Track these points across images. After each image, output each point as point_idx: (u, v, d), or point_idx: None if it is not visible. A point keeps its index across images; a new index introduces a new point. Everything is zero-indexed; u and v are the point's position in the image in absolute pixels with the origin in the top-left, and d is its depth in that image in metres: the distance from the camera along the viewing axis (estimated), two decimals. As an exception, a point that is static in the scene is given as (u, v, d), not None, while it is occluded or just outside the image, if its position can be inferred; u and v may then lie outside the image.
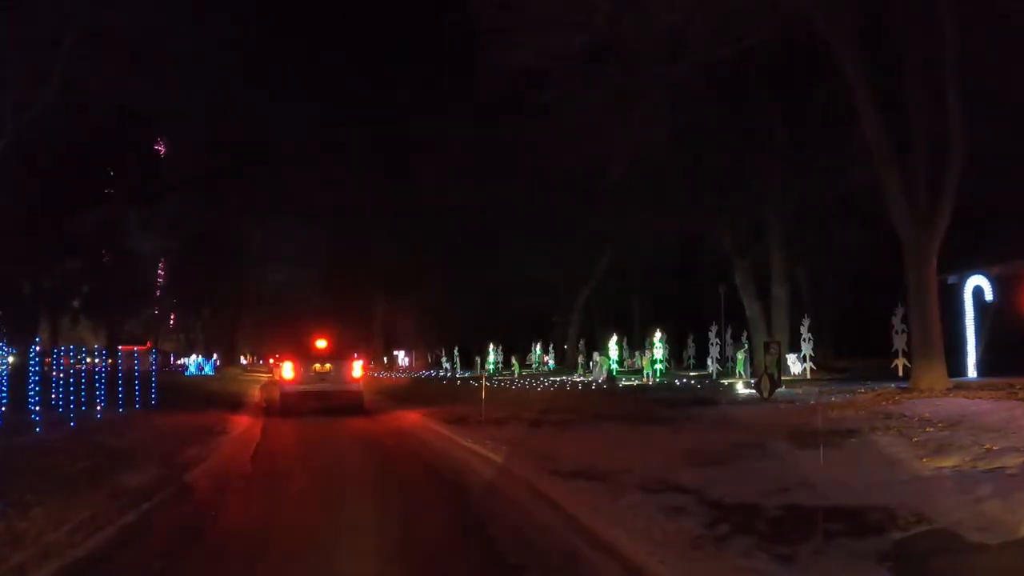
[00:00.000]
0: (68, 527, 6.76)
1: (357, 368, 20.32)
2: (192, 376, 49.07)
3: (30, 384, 15.56)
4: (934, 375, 20.87)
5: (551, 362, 53.55)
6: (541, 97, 26.14)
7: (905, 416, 15.02)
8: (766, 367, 27.80)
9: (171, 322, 77.35)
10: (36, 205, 46.67)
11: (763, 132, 31.85)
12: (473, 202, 53.08)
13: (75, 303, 54.26)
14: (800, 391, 22.49)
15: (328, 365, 20.02)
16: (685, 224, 35.62)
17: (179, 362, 69.76)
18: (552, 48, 21.23)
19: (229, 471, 10.19)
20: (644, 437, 12.92)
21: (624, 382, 31.64)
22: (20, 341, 56.91)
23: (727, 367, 37.32)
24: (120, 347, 61.02)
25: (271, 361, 62.66)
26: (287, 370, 20.12)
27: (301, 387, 19.62)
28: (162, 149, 52.31)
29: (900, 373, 26.83)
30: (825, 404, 17.90)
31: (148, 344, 65.69)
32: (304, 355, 20.57)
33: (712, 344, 35.69)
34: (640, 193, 35.66)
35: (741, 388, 24.79)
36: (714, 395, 22.38)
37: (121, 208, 55.39)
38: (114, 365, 53.18)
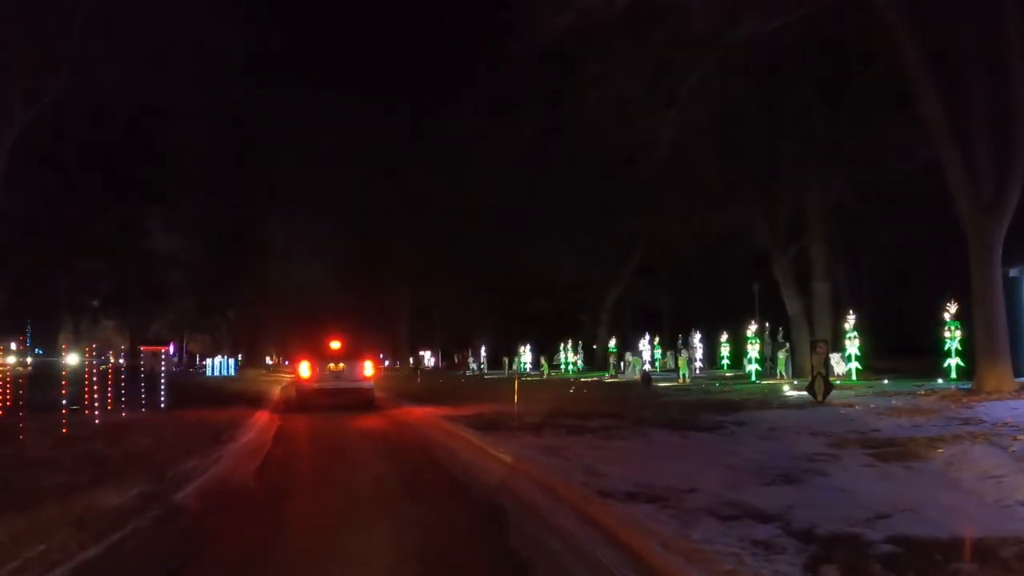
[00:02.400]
0: (11, 566, 5.45)
1: (369, 367, 21.43)
2: (211, 378, 47.99)
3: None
4: (1000, 375, 19.36)
5: (580, 362, 52.14)
6: (580, 70, 24.54)
7: (984, 421, 13.53)
8: (813, 367, 26.33)
9: (192, 322, 76.43)
10: (53, 203, 46.18)
11: (803, 120, 30.35)
12: (500, 199, 51.99)
13: (94, 303, 53.44)
14: (852, 393, 20.98)
15: (342, 364, 21.10)
16: (722, 218, 33.99)
17: (204, 363, 69.03)
18: (593, 8, 19.73)
19: (229, 488, 8.86)
20: (697, 447, 11.50)
21: (659, 383, 30.10)
22: (44, 342, 56.54)
23: (765, 367, 35.83)
24: (142, 348, 60.45)
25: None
26: (304, 369, 21.19)
27: (317, 385, 20.79)
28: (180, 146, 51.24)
29: (953, 374, 25.36)
30: (887, 408, 16.49)
31: (170, 345, 64.85)
32: (320, 355, 21.51)
33: (751, 344, 34.06)
34: (676, 186, 34.18)
35: (788, 390, 23.27)
36: (761, 398, 20.88)
37: (139, 206, 54.80)
38: (133, 366, 52.49)
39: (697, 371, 36.50)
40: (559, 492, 8.23)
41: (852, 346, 29.81)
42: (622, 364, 41.54)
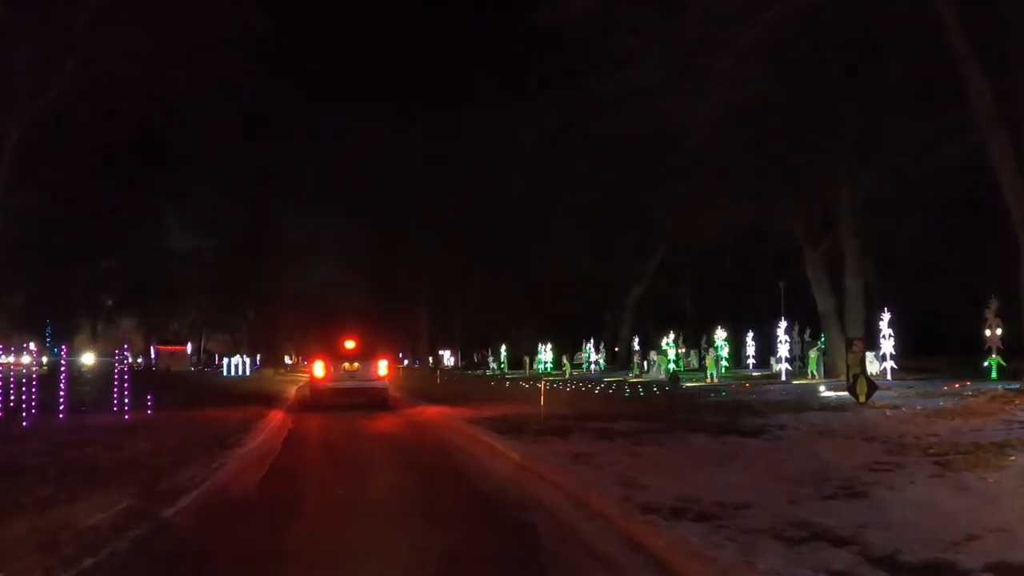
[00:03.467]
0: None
1: (383, 367, 21.44)
2: (228, 377, 47.35)
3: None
4: (1053, 375, 18.40)
5: (602, 361, 51.16)
6: (612, 50, 23.54)
7: (1050, 425, 12.54)
8: (849, 367, 25.25)
9: (211, 322, 76.08)
10: (70, 201, 45.77)
11: (835, 110, 29.28)
12: (522, 197, 51.16)
13: (109, 302, 53.01)
14: (894, 394, 19.95)
15: (356, 364, 21.11)
16: (751, 212, 32.90)
17: (222, 362, 68.58)
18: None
19: (226, 502, 7.97)
20: (741, 454, 10.52)
21: (686, 383, 29.07)
22: (62, 341, 56.12)
23: (795, 366, 34.78)
24: (158, 347, 60.14)
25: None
26: (318, 368, 21.27)
27: (331, 384, 20.87)
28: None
29: (994, 373, 24.28)
30: (937, 410, 15.46)
31: (187, 344, 64.49)
32: (334, 355, 21.54)
33: (781, 342, 33.00)
34: (704, 179, 33.15)
35: (824, 390, 22.20)
36: (797, 399, 19.87)
37: (157, 205, 54.37)
38: (148, 365, 52.19)
39: (723, 370, 35.43)
40: (595, 507, 7.28)
41: (887, 344, 28.76)
42: (646, 363, 40.51)
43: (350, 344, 21.95)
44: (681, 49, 21.39)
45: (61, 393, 15.75)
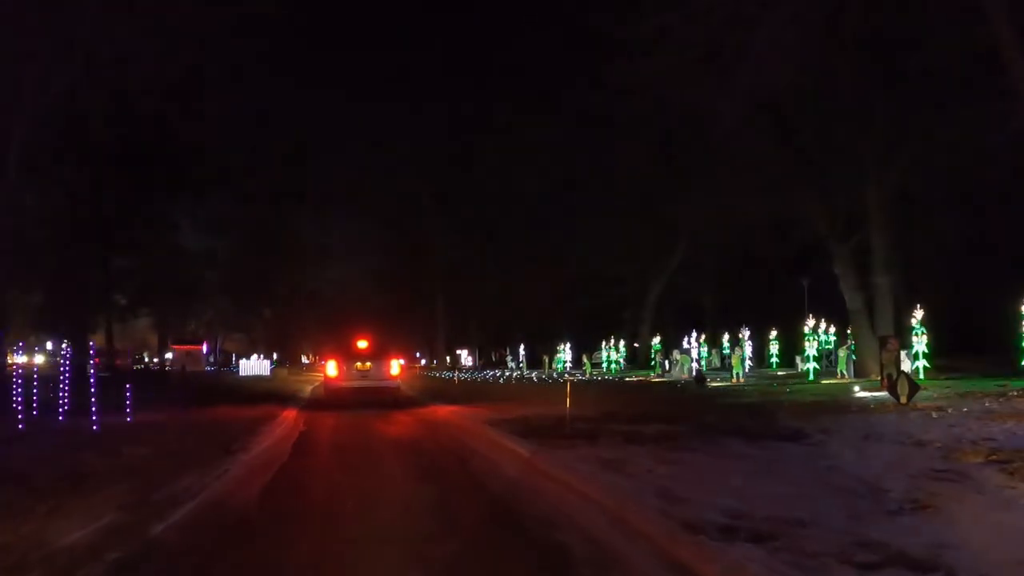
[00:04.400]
0: None
1: (394, 366, 21.77)
2: (244, 377, 46.79)
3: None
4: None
5: (622, 361, 50.29)
6: (643, 28, 22.73)
7: (1112, 428, 11.65)
8: (883, 366, 24.35)
9: (229, 321, 75.61)
10: (86, 200, 45.45)
11: (864, 99, 28.34)
12: (540, 195, 50.43)
13: (124, 302, 52.63)
14: (933, 394, 18.97)
15: (368, 364, 21.32)
16: (776, 206, 31.90)
17: (238, 361, 68.12)
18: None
19: (222, 518, 7.19)
20: (785, 461, 9.70)
21: (711, 383, 28.17)
22: (78, 341, 55.86)
23: (822, 366, 33.85)
24: (174, 346, 59.76)
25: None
26: (331, 368, 21.62)
27: (344, 383, 21.15)
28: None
29: (1030, 373, 23.34)
30: (985, 411, 14.57)
31: (204, 343, 64.08)
32: (347, 354, 21.78)
33: (807, 341, 32.04)
34: (729, 174, 32.27)
35: (858, 391, 21.28)
36: (832, 399, 18.97)
37: (170, 202, 54.01)
38: (163, 365, 51.78)
39: (746, 370, 34.48)
40: (634, 525, 6.49)
41: (919, 343, 27.76)
42: (668, 363, 39.63)
43: (362, 344, 22.19)
44: (712, 28, 20.59)
45: (63, 393, 15.12)
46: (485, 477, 9.19)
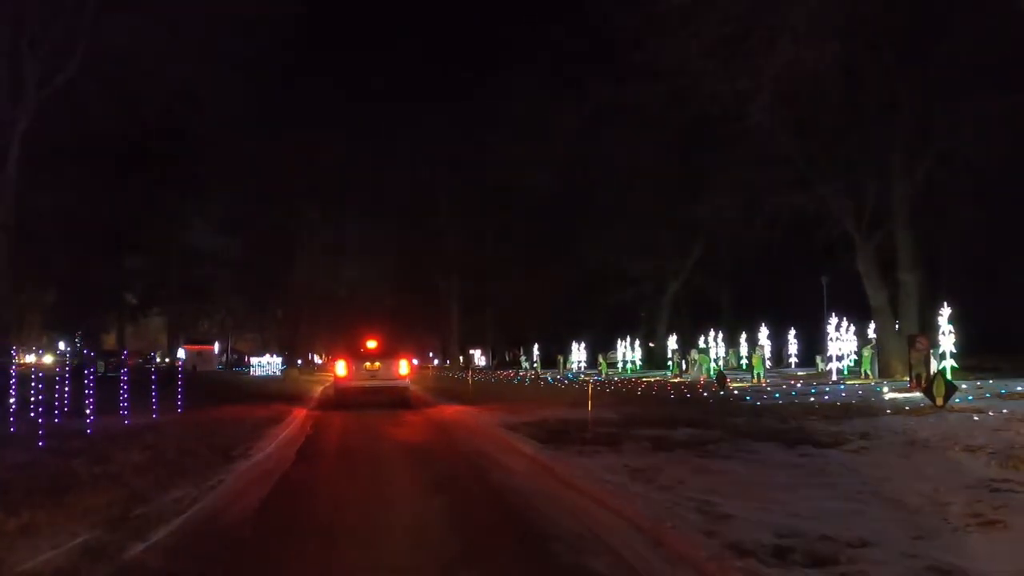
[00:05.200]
0: None
1: (404, 366, 21.55)
2: (255, 377, 46.22)
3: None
4: None
5: (638, 361, 49.51)
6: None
7: None
8: (912, 365, 23.55)
9: (241, 321, 75.10)
10: (97, 201, 45.02)
11: (889, 92, 27.55)
12: (556, 192, 49.72)
13: (134, 300, 52.23)
14: (970, 395, 18.14)
15: (378, 363, 21.13)
16: (798, 201, 31.03)
17: (249, 361, 67.53)
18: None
19: (211, 537, 6.45)
20: (830, 470, 8.95)
21: (734, 384, 27.32)
22: (91, 341, 55.47)
23: (844, 365, 33.01)
24: (186, 346, 59.33)
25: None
26: (341, 368, 21.46)
27: (353, 383, 20.93)
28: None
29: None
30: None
31: (215, 343, 63.64)
32: (356, 354, 21.68)
33: (831, 339, 31.22)
34: (749, 167, 31.47)
35: (888, 391, 20.51)
36: (862, 401, 18.13)
37: (179, 201, 53.63)
38: (173, 365, 51.24)
39: (767, 369, 33.68)
40: (674, 547, 5.75)
41: (947, 342, 26.87)
42: (685, 362, 38.80)
43: (372, 344, 22.16)
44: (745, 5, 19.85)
45: (65, 394, 14.55)
46: (503, 488, 8.43)
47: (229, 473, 9.00)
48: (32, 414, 13.99)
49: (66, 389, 14.99)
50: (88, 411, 13.88)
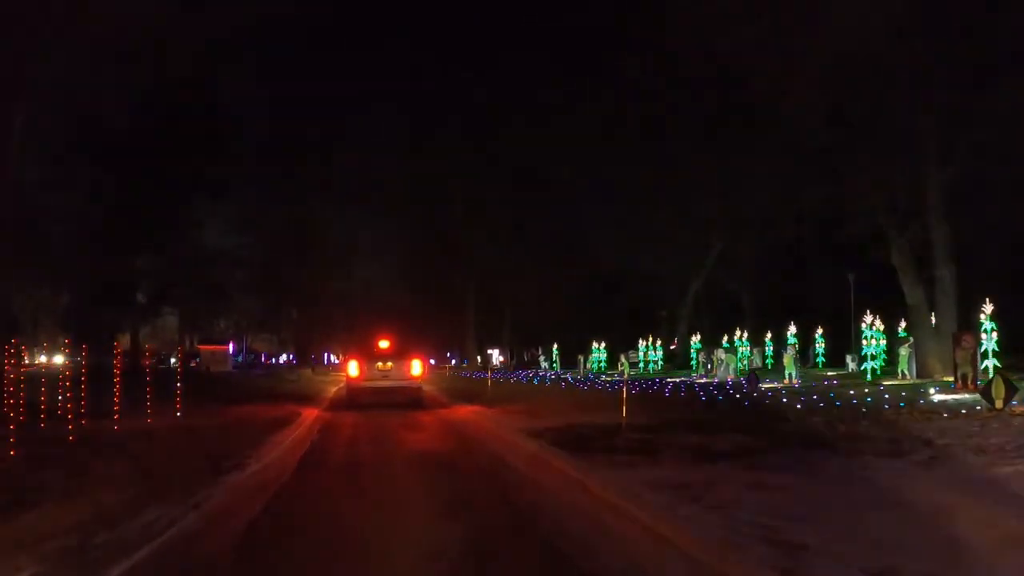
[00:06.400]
0: None
1: (417, 366, 21.19)
2: (268, 377, 45.32)
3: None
4: None
5: (660, 361, 48.24)
6: None
7: None
8: (957, 364, 22.28)
9: (258, 321, 74.38)
10: (111, 200, 44.39)
11: (923, 77, 26.23)
12: (574, 189, 48.59)
13: (143, 299, 51.50)
14: (1027, 397, 16.84)
15: (390, 364, 20.83)
16: (831, 193, 29.72)
17: (265, 361, 66.83)
18: None
19: (183, 574, 5.42)
20: (901, 485, 7.78)
21: (764, 385, 26.06)
22: (103, 341, 54.89)
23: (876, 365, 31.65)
24: (200, 346, 58.63)
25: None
26: (352, 368, 21.21)
27: (365, 384, 20.66)
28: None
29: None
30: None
31: (230, 343, 62.93)
32: (368, 354, 21.32)
33: (865, 339, 29.91)
34: (776, 157, 30.24)
35: (935, 393, 19.23)
36: (911, 404, 16.81)
37: (201, 203, 52.94)
38: (184, 365, 50.42)
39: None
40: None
41: (988, 340, 25.53)
42: (710, 363, 37.57)
43: (384, 344, 21.77)
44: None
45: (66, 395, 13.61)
46: (531, 509, 7.28)
47: (217, 487, 7.94)
48: (22, 417, 13.11)
49: (66, 391, 14.11)
50: (81, 414, 13.01)
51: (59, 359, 62.74)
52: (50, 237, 41.75)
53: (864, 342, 30.05)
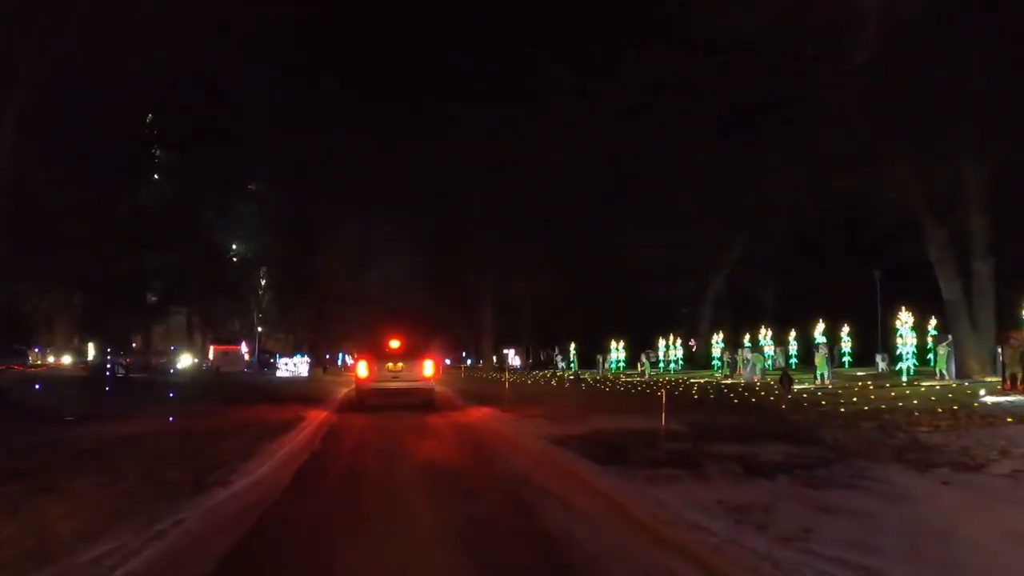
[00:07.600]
0: None
1: (428, 367, 20.48)
2: (280, 377, 44.35)
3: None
4: None
5: (681, 360, 47.01)
6: None
7: None
8: (1006, 364, 21.02)
9: (272, 321, 73.60)
10: (122, 198, 43.66)
11: (961, 66, 24.97)
12: (592, 185, 47.45)
13: (153, 298, 50.83)
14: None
15: (400, 364, 20.22)
16: (866, 184, 28.45)
17: (278, 362, 65.89)
18: None
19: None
20: (992, 505, 6.58)
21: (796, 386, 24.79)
22: (115, 341, 54.13)
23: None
24: (214, 347, 57.89)
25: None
26: (362, 368, 20.76)
27: (375, 384, 20.14)
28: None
29: None
30: None
31: (242, 343, 62.18)
32: (378, 355, 20.71)
33: (900, 337, 28.59)
34: (803, 147, 28.99)
35: (984, 394, 18.00)
36: (964, 408, 15.50)
37: (213, 201, 52.32)
38: (196, 365, 49.73)
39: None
40: None
41: (1031, 338, 24.18)
42: (735, 363, 36.30)
43: (394, 343, 21.14)
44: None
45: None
46: (561, 539, 6.05)
47: (193, 509, 6.80)
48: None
49: (67, 392, 13.21)
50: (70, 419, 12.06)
51: (67, 359, 62.18)
52: (60, 235, 41.04)
53: (899, 340, 28.71)
